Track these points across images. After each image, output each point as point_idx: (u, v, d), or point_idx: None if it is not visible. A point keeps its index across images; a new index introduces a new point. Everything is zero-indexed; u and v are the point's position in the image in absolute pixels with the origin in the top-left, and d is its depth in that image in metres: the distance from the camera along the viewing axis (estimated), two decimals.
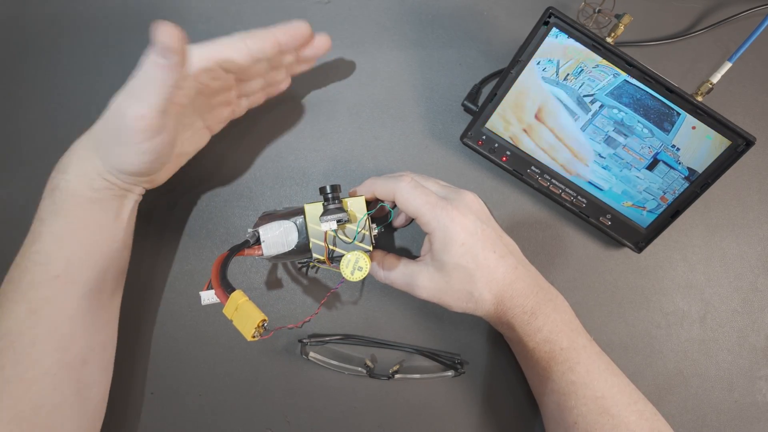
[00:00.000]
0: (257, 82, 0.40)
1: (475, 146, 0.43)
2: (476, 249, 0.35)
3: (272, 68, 0.39)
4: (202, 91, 0.36)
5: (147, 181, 0.37)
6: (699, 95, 0.39)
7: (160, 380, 0.43)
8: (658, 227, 0.42)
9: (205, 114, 0.39)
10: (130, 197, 0.37)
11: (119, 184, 0.35)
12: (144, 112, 0.30)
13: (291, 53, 0.38)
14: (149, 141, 0.32)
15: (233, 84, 0.38)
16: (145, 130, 0.31)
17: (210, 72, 0.35)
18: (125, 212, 0.37)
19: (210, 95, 0.37)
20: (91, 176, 0.34)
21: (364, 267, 0.34)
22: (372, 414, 0.44)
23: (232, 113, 0.41)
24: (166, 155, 0.34)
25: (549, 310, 0.36)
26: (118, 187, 0.35)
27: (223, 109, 0.40)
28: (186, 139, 0.38)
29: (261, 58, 0.36)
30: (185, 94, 0.34)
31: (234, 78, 0.37)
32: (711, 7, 0.47)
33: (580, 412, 0.35)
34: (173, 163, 0.38)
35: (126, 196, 0.36)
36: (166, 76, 0.29)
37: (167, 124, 0.32)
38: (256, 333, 0.28)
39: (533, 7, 0.45)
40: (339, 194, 0.35)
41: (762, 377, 0.44)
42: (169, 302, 0.44)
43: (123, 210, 0.37)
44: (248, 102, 0.41)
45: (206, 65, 0.34)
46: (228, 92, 0.39)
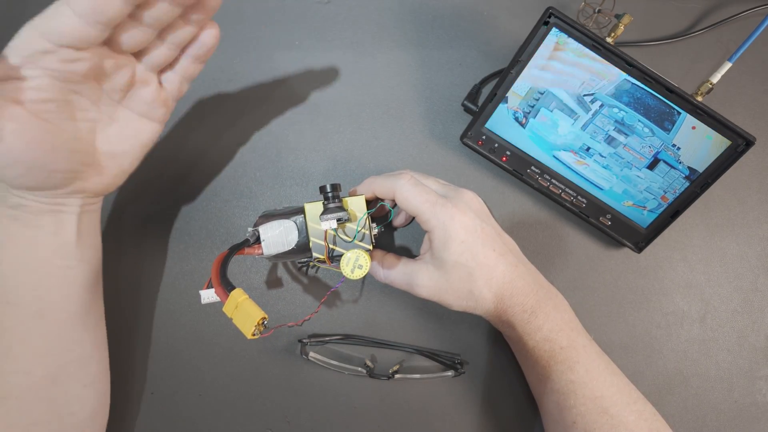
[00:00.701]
0: (161, 49, 0.32)
1: (475, 146, 0.43)
2: (476, 247, 0.35)
3: (162, 29, 0.31)
4: (70, 78, 0.29)
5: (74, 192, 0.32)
6: (699, 95, 0.39)
7: (160, 380, 0.43)
8: (658, 227, 0.42)
9: (123, 102, 0.33)
10: (67, 211, 0.33)
11: (37, 200, 0.31)
12: None
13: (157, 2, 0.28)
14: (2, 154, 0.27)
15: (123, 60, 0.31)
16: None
17: (52, 55, 0.27)
18: (68, 228, 0.33)
19: (96, 79, 0.31)
20: (2, 194, 0.31)
21: (364, 265, 0.34)
22: (372, 414, 0.44)
23: (159, 92, 0.34)
24: (41, 161, 0.29)
25: (549, 308, 0.36)
26: (40, 203, 0.31)
27: (142, 90, 0.33)
28: (114, 135, 0.33)
29: (108, 19, 0.27)
30: (32, 88, 0.28)
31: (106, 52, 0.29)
32: (711, 7, 0.47)
33: (579, 412, 0.35)
34: (108, 166, 0.33)
35: (60, 211, 0.32)
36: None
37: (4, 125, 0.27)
38: (256, 331, 0.28)
39: (533, 7, 0.45)
40: (339, 193, 0.35)
41: (762, 377, 0.44)
42: (169, 302, 0.44)
43: (62, 225, 0.33)
44: (178, 74, 0.34)
45: (38, 47, 0.27)
46: (125, 70, 0.31)
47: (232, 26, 0.46)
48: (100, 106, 0.32)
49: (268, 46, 0.46)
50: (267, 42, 0.46)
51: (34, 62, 0.27)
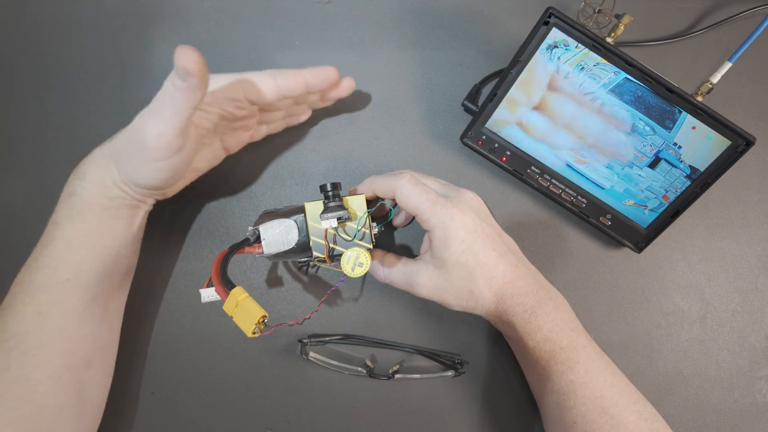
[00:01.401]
0: (279, 113, 0.42)
1: (475, 146, 0.43)
2: (476, 247, 0.35)
3: (296, 103, 0.42)
4: (225, 117, 0.37)
5: (160, 194, 0.38)
6: (699, 95, 0.39)
7: (160, 380, 0.43)
8: (658, 227, 0.42)
9: (225, 136, 0.40)
10: (143, 207, 0.37)
11: (133, 194, 0.35)
12: (164, 131, 0.31)
13: (316, 93, 0.40)
14: (167, 159, 0.32)
15: (256, 113, 0.40)
16: (164, 148, 0.31)
17: (236, 102, 0.36)
18: (137, 221, 0.37)
19: (232, 121, 0.38)
20: (107, 185, 0.34)
21: (364, 263, 0.34)
22: (372, 414, 0.44)
23: (250, 137, 0.42)
24: (181, 172, 0.35)
25: (549, 309, 0.36)
26: (132, 198, 0.36)
27: (243, 133, 0.41)
28: (202, 157, 0.39)
29: (287, 96, 0.37)
30: (208, 118, 0.35)
31: (258, 108, 0.39)
32: (711, 7, 0.47)
33: (579, 412, 0.35)
34: (187, 178, 0.39)
35: (139, 206, 0.37)
36: (185, 98, 0.29)
37: (186, 144, 0.33)
38: (256, 329, 0.28)
39: (533, 7, 0.45)
40: (339, 192, 0.35)
41: (762, 377, 0.44)
42: (168, 302, 0.44)
43: (135, 219, 0.37)
44: (268, 129, 0.42)
45: (233, 95, 0.35)
46: (250, 119, 0.40)
47: (232, 26, 0.46)
48: (213, 135, 0.38)
49: (268, 46, 0.46)
50: (267, 42, 0.46)
51: (221, 103, 0.35)
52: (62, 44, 0.45)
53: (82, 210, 0.34)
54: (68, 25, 0.45)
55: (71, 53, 0.45)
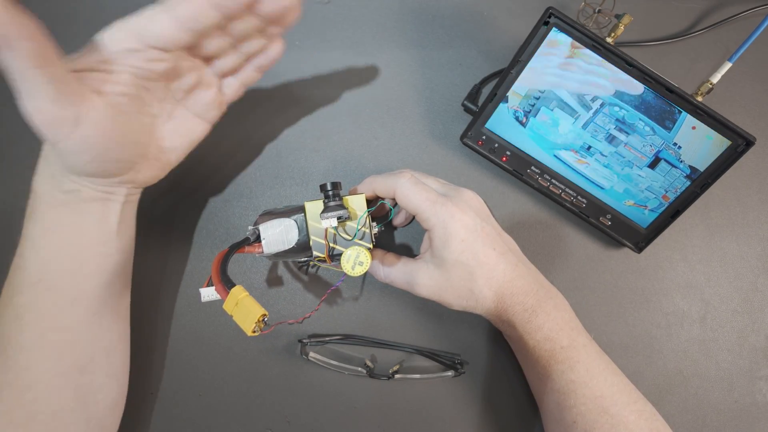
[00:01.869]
0: (231, 57, 0.34)
1: (475, 146, 0.43)
2: (476, 246, 0.35)
3: (237, 38, 0.33)
4: (145, 76, 0.31)
5: (125, 181, 0.33)
6: (699, 95, 0.39)
7: (160, 380, 0.43)
8: (658, 227, 0.42)
9: (183, 101, 0.35)
10: (114, 199, 0.34)
11: (91, 186, 0.32)
12: (36, 105, 0.27)
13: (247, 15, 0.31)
14: (68, 137, 0.28)
15: (195, 63, 0.33)
16: (50, 125, 0.28)
17: (138, 53, 0.29)
18: (111, 216, 0.34)
19: (167, 79, 0.32)
20: (58, 179, 0.32)
21: (365, 262, 0.34)
22: (372, 414, 0.44)
23: (218, 96, 0.35)
24: (110, 150, 0.31)
25: (549, 308, 0.36)
26: (92, 190, 0.32)
27: (203, 93, 0.35)
28: (170, 131, 0.35)
29: (201, 28, 0.30)
30: (116, 80, 0.30)
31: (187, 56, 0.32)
32: (711, 7, 0.47)
33: (579, 411, 0.35)
34: (158, 159, 0.35)
35: (108, 198, 0.33)
36: (26, 62, 0.25)
37: (83, 114, 0.28)
38: (256, 328, 0.28)
39: (533, 7, 0.45)
40: (339, 191, 0.35)
41: (762, 377, 0.44)
42: (168, 302, 0.44)
43: (107, 213, 0.34)
44: (238, 80, 0.36)
45: (127, 45, 0.29)
46: (195, 73, 0.33)
47: None
48: (163, 104, 0.34)
49: None
50: None
51: (120, 59, 0.29)
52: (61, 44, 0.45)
53: (40, 207, 0.32)
54: (68, 24, 0.45)
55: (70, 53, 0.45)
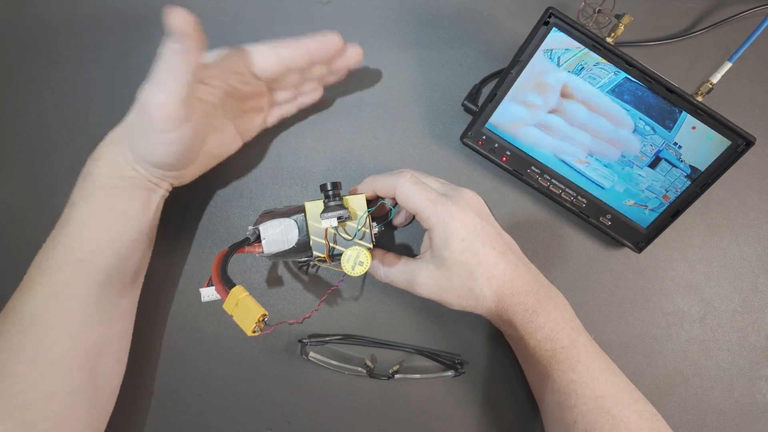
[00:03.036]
0: (289, 92, 0.41)
1: (475, 146, 0.43)
2: (476, 245, 0.35)
3: (304, 79, 0.40)
4: (231, 93, 0.37)
5: (174, 177, 0.37)
6: (699, 95, 0.39)
7: (160, 380, 0.43)
8: (658, 227, 0.42)
9: (237, 119, 0.40)
10: (158, 191, 0.37)
11: (147, 175, 0.36)
12: (165, 99, 0.31)
13: (322, 64, 0.39)
14: (173, 131, 0.32)
15: (264, 91, 0.40)
16: (167, 118, 0.31)
17: (239, 75, 0.36)
18: (152, 205, 0.37)
19: (240, 100, 0.38)
20: (120, 165, 0.35)
21: (365, 262, 0.34)
22: (372, 414, 0.44)
23: (263, 121, 0.42)
24: (191, 149, 0.35)
25: (550, 308, 0.36)
26: (146, 179, 0.36)
27: (255, 116, 0.41)
28: (216, 142, 0.39)
29: (291, 68, 0.37)
30: (212, 93, 0.35)
31: (265, 85, 0.39)
32: (711, 7, 0.47)
33: (580, 411, 0.35)
34: (201, 163, 0.39)
35: (154, 189, 0.37)
36: (184, 62, 0.30)
37: (191, 116, 0.32)
38: (256, 328, 0.28)
39: (533, 7, 0.45)
40: (340, 191, 0.35)
41: (762, 377, 0.44)
42: (168, 302, 0.44)
43: (150, 203, 0.37)
44: (280, 111, 0.42)
45: (235, 67, 0.35)
46: (259, 99, 0.40)
47: (232, 26, 0.46)
48: (225, 117, 0.39)
49: None
50: None
51: (223, 78, 0.35)
52: (63, 44, 0.45)
53: (97, 190, 0.35)
54: (69, 24, 0.45)
55: (72, 53, 0.45)
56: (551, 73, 0.40)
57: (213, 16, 0.46)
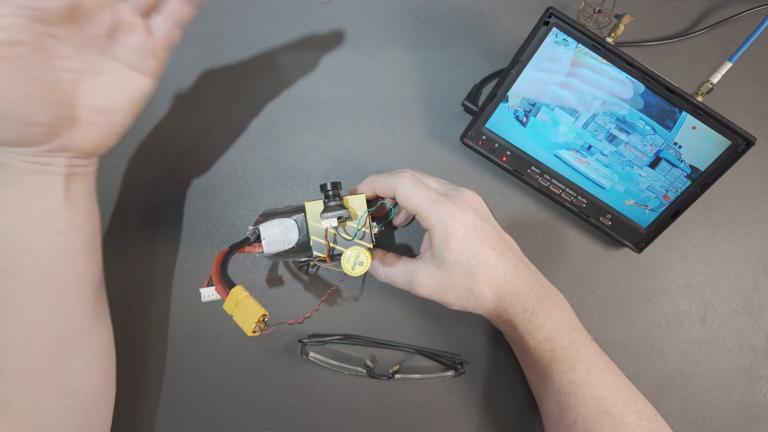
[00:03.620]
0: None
1: (475, 146, 0.43)
2: (476, 245, 0.35)
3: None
4: (45, 18, 0.27)
5: (54, 151, 0.30)
6: (699, 95, 0.39)
7: (160, 380, 0.43)
8: (658, 227, 0.42)
9: (108, 51, 0.31)
10: (53, 171, 0.31)
11: (16, 157, 0.29)
12: None
13: None
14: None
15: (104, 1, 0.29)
16: None
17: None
18: (55, 189, 0.31)
19: (74, 21, 0.28)
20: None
21: (365, 261, 0.34)
22: (372, 414, 0.44)
23: (147, 39, 0.32)
24: (18, 113, 0.27)
25: (550, 308, 0.36)
26: (22, 161, 0.29)
27: (128, 37, 0.31)
28: (101, 89, 0.31)
29: None
30: (5, 27, 0.26)
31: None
32: (711, 7, 0.47)
33: (579, 412, 0.35)
34: (96, 122, 0.31)
35: (45, 171, 0.30)
36: None
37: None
38: (256, 328, 0.28)
39: (533, 7, 0.45)
40: (340, 191, 0.35)
41: (762, 377, 0.44)
42: (168, 302, 0.44)
43: (50, 188, 0.31)
44: (166, 17, 0.32)
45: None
46: (106, 11, 0.29)
47: (232, 26, 0.46)
48: (83, 55, 0.30)
49: (268, 46, 0.46)
50: (267, 42, 0.46)
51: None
52: None
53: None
54: None
55: None
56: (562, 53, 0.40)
57: (213, 16, 0.46)
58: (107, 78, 0.31)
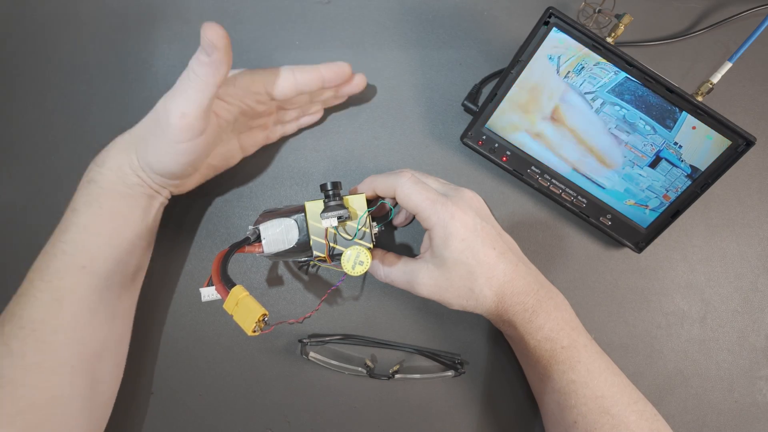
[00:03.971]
0: (294, 112, 0.43)
1: (475, 146, 0.43)
2: (476, 245, 0.35)
3: (311, 101, 0.42)
4: (245, 112, 0.38)
5: (175, 186, 0.38)
6: (699, 95, 0.39)
7: (160, 380, 0.43)
8: (658, 227, 0.42)
9: (242, 134, 0.41)
10: (158, 198, 0.38)
11: (150, 183, 0.36)
12: (187, 110, 0.31)
13: (330, 89, 0.41)
14: (188, 142, 0.33)
15: (274, 111, 0.41)
16: (186, 128, 0.32)
17: (256, 95, 0.37)
18: (152, 212, 0.38)
19: (251, 117, 0.39)
20: (125, 171, 0.35)
21: (365, 261, 0.34)
22: (372, 414, 0.44)
23: (266, 138, 0.43)
24: (200, 160, 0.36)
25: (550, 308, 0.36)
26: (149, 186, 0.36)
27: (259, 133, 0.42)
28: (219, 154, 0.39)
29: (304, 91, 0.38)
30: (229, 110, 0.36)
31: (276, 105, 0.40)
32: (711, 7, 0.47)
33: (580, 412, 0.35)
34: (202, 173, 0.40)
35: (155, 196, 0.37)
36: (210, 75, 0.31)
37: (207, 128, 0.33)
38: (256, 327, 0.28)
39: (533, 7, 0.45)
40: (340, 191, 0.35)
41: (762, 377, 0.44)
42: (169, 302, 0.44)
43: (151, 209, 0.37)
44: (282, 130, 0.43)
45: (254, 88, 0.36)
46: (267, 117, 0.41)
47: (232, 26, 0.46)
48: (232, 132, 0.40)
49: (268, 46, 0.46)
50: (267, 42, 0.46)
51: (241, 96, 0.36)
52: (63, 44, 0.45)
53: (100, 196, 0.35)
54: (69, 25, 0.45)
55: (72, 53, 0.45)
56: (550, 81, 0.40)
57: (213, 16, 0.46)
58: (228, 149, 0.40)
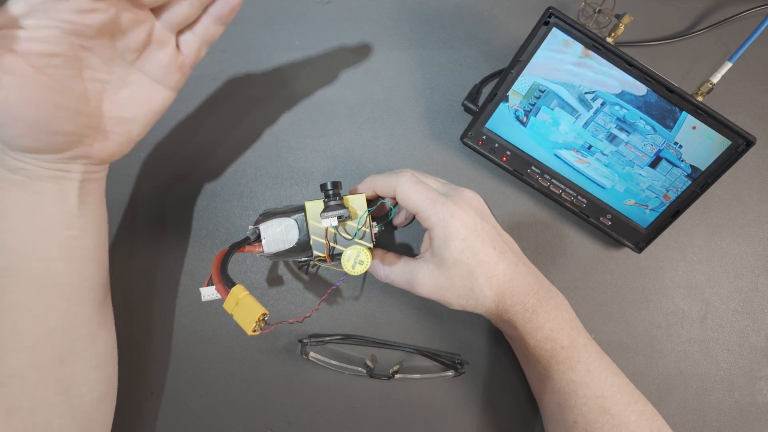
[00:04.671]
0: (182, 6, 0.30)
1: (475, 146, 0.43)
2: (476, 245, 0.35)
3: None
4: (81, 32, 0.27)
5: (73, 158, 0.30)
6: (699, 95, 0.39)
7: (160, 380, 0.43)
8: (658, 227, 0.42)
9: (136, 63, 0.31)
10: (69, 178, 0.31)
11: (35, 163, 0.29)
12: None
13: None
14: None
15: (141, 15, 0.29)
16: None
17: (63, 3, 0.25)
18: (70, 196, 0.31)
19: (109, 35, 0.29)
20: (1, 156, 0.29)
21: (365, 261, 0.34)
22: (372, 414, 0.44)
23: (176, 55, 0.32)
24: (48, 121, 0.28)
25: (550, 308, 0.36)
26: (40, 168, 0.29)
27: (159, 52, 0.31)
28: (124, 100, 0.31)
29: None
30: (39, 38, 0.26)
31: (127, 5, 0.28)
32: (711, 7, 0.47)
33: (580, 412, 0.35)
34: (115, 132, 0.32)
35: (62, 177, 0.31)
36: None
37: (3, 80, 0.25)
38: (256, 327, 0.28)
39: (533, 7, 0.45)
40: (340, 191, 0.35)
41: (762, 377, 0.44)
42: (168, 301, 0.44)
43: (66, 194, 0.31)
44: (197, 36, 0.33)
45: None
46: (142, 27, 0.30)
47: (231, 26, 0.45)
48: (112, 67, 0.30)
49: (267, 46, 0.46)
50: (267, 42, 0.46)
51: (44, 11, 0.25)
52: None
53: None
54: None
55: None
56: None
57: None
58: (132, 90, 0.32)
